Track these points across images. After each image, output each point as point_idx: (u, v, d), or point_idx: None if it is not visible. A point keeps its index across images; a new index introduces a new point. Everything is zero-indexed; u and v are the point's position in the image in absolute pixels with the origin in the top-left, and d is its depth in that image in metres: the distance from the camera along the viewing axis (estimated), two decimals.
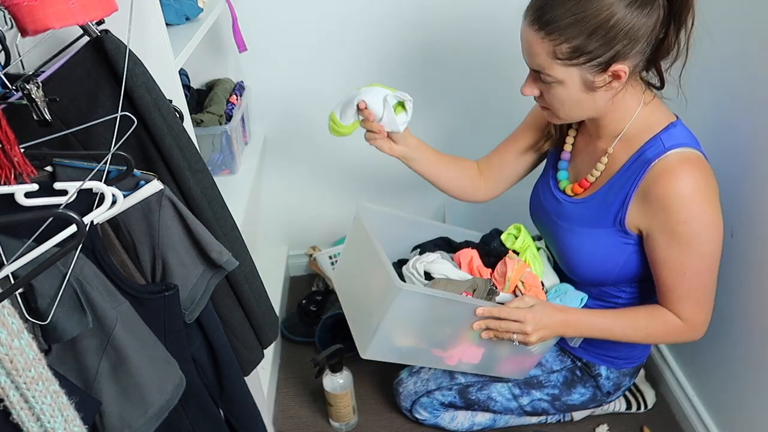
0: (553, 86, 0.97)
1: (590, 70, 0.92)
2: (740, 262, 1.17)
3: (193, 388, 0.82)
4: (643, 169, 0.98)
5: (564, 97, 0.98)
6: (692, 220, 0.96)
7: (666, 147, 0.97)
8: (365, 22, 1.56)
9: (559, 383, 1.28)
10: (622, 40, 0.89)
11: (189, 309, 0.81)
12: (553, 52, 0.92)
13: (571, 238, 1.12)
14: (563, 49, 0.91)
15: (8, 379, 0.50)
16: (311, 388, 1.58)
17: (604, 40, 0.89)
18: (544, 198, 1.20)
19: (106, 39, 0.74)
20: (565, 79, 0.94)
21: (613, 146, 1.04)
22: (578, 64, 0.92)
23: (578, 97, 0.97)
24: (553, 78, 0.95)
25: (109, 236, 0.74)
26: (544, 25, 0.91)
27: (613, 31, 0.88)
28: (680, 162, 0.96)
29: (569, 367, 1.28)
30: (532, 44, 0.94)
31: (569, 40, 0.90)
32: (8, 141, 0.57)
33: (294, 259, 1.99)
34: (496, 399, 1.30)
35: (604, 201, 1.05)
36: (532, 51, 0.95)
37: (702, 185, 0.96)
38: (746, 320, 1.17)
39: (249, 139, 1.65)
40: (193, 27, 1.15)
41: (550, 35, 0.91)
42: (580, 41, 0.89)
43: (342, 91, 1.65)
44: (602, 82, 0.94)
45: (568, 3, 0.89)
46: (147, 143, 0.80)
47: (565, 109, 1.01)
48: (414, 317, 1.09)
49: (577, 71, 0.93)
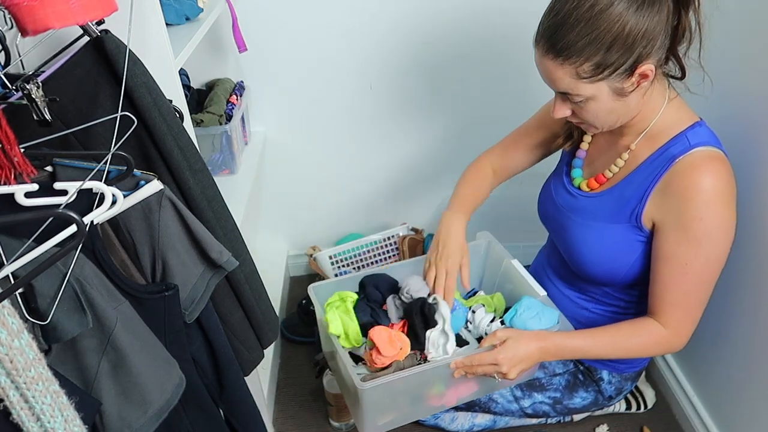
0: (585, 103, 0.96)
1: (617, 78, 0.91)
2: (740, 263, 1.17)
3: (193, 388, 0.82)
4: (668, 164, 0.98)
5: (598, 111, 0.97)
6: (707, 219, 0.95)
7: (692, 144, 0.97)
8: (366, 22, 1.56)
9: (561, 387, 1.28)
10: (641, 43, 0.88)
11: (189, 309, 0.81)
12: (576, 73, 0.91)
13: (584, 232, 1.11)
14: (586, 68, 0.90)
15: (8, 379, 0.50)
16: (311, 388, 1.58)
17: (624, 49, 0.88)
18: (557, 194, 1.19)
19: (106, 39, 0.74)
20: (595, 94, 0.93)
21: (636, 143, 1.04)
22: (604, 77, 0.91)
23: (612, 106, 0.96)
24: (583, 96, 0.94)
25: (109, 236, 0.74)
26: (560, 52, 0.90)
27: (630, 38, 0.87)
28: (707, 159, 0.95)
29: (572, 370, 1.27)
30: (552, 71, 0.93)
31: (589, 59, 0.89)
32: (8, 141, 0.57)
33: (294, 259, 1.99)
34: (498, 401, 1.30)
35: (622, 195, 1.05)
36: (554, 77, 0.94)
37: (724, 186, 0.96)
38: (746, 320, 1.17)
39: (249, 139, 1.65)
40: (193, 27, 1.15)
41: (569, 59, 0.90)
42: (600, 57, 0.88)
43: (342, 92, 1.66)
44: (632, 86, 0.93)
45: (577, 26, 0.88)
46: (147, 143, 0.80)
47: (601, 121, 1.00)
48: (393, 397, 1.08)
49: (605, 84, 0.92)
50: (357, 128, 1.73)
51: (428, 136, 1.76)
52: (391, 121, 1.72)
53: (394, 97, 1.68)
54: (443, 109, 1.72)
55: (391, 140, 1.76)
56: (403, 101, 1.69)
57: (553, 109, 1.00)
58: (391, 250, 1.86)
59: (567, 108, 0.99)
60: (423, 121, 1.73)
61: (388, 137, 1.75)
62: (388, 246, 1.86)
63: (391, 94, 1.67)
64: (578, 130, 1.18)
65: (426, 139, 1.77)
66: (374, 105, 1.69)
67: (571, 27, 0.88)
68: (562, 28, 0.89)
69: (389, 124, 1.73)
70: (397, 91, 1.67)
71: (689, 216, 0.96)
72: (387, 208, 1.91)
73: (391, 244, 1.86)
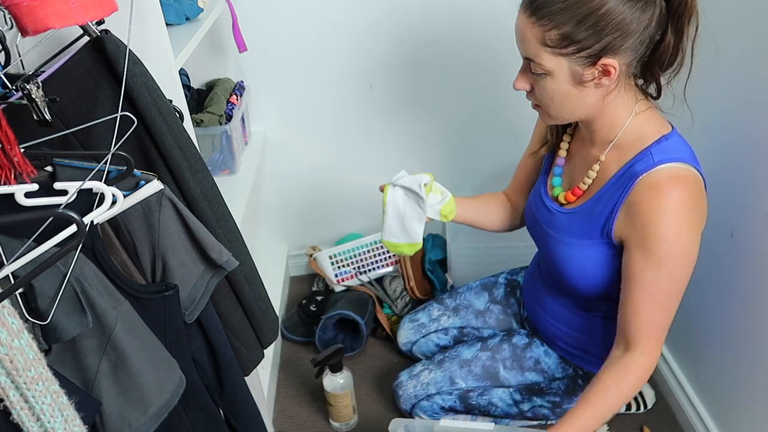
0: (543, 78, 0.96)
1: (579, 61, 0.91)
2: (740, 262, 1.17)
3: (193, 388, 0.82)
4: (631, 182, 0.97)
5: (553, 91, 0.97)
6: (669, 242, 0.94)
7: (655, 161, 0.95)
8: (366, 22, 1.56)
9: (561, 391, 1.27)
10: (613, 32, 0.87)
11: (189, 309, 0.81)
12: (543, 38, 0.91)
13: (561, 248, 1.11)
14: (552, 35, 0.90)
15: (8, 379, 0.50)
16: (311, 388, 1.58)
17: (594, 30, 0.88)
18: (537, 209, 1.19)
19: (106, 39, 0.74)
20: (554, 70, 0.94)
21: (606, 153, 1.03)
22: (567, 54, 0.91)
23: (567, 91, 0.96)
24: (543, 68, 0.94)
25: (109, 236, 0.74)
26: (535, 11, 0.91)
27: (603, 20, 0.87)
28: (668, 179, 0.94)
29: (571, 375, 1.27)
30: (524, 30, 0.94)
31: (559, 26, 0.89)
32: (8, 141, 0.57)
33: (294, 259, 1.99)
34: (497, 404, 1.29)
35: (593, 212, 1.04)
36: (523, 37, 0.95)
37: (688, 206, 0.94)
38: (746, 320, 1.17)
39: (249, 139, 1.65)
40: (193, 27, 1.15)
41: (541, 20, 0.90)
42: (569, 28, 0.89)
43: (341, 92, 1.66)
44: (591, 76, 0.93)
45: None
46: (147, 143, 0.80)
47: (555, 106, 1.00)
48: None
49: (566, 62, 0.92)
50: (357, 128, 1.73)
51: (428, 136, 1.76)
52: (391, 121, 1.72)
53: (394, 97, 1.68)
54: (444, 109, 1.72)
55: (391, 140, 1.76)
56: (403, 101, 1.69)
57: (516, 80, 1.02)
58: None
59: (527, 82, 1.00)
60: (423, 121, 1.73)
61: (388, 137, 1.75)
62: None
63: (391, 94, 1.67)
64: (553, 134, 1.17)
65: (426, 139, 1.77)
66: (374, 105, 1.69)
67: None
68: None
69: (389, 124, 1.73)
70: (397, 91, 1.67)
71: (652, 238, 0.94)
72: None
73: None
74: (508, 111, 1.71)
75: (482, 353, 1.32)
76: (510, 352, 1.30)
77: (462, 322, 1.46)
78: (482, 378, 1.29)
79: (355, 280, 1.84)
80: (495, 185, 1.85)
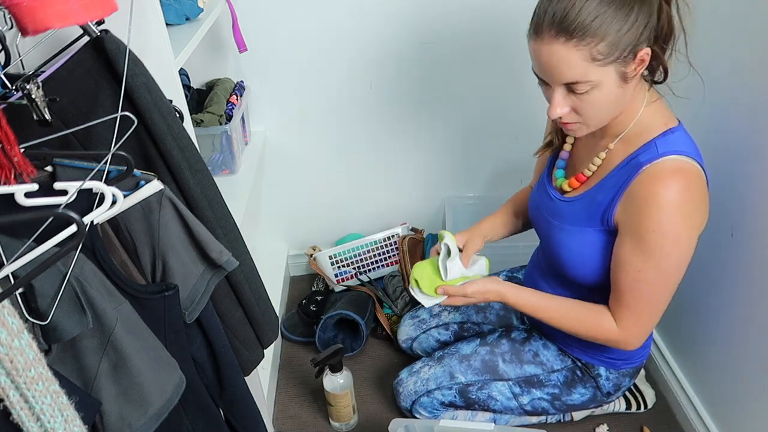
0: (589, 93, 0.92)
1: (624, 62, 0.90)
2: (740, 262, 1.17)
3: (193, 388, 0.82)
4: (635, 171, 0.97)
5: (602, 100, 0.94)
6: (661, 232, 0.94)
7: (660, 153, 0.95)
8: (366, 22, 1.56)
9: (559, 383, 1.28)
10: (644, 26, 0.87)
11: (189, 309, 0.81)
12: (591, 55, 0.88)
13: (563, 236, 1.12)
14: (601, 48, 0.87)
15: (8, 379, 0.50)
16: (311, 388, 1.58)
17: (632, 30, 0.87)
18: (540, 198, 1.20)
19: (106, 39, 0.74)
20: (603, 80, 0.91)
21: (615, 143, 1.03)
22: (615, 59, 0.89)
23: (615, 94, 0.93)
24: (591, 83, 0.91)
25: (109, 236, 0.74)
26: (574, 33, 0.87)
27: (638, 21, 0.87)
28: (671, 171, 0.94)
29: (569, 366, 1.28)
30: (563, 57, 0.89)
31: (604, 37, 0.87)
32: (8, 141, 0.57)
33: (294, 259, 1.99)
34: (497, 398, 1.30)
35: (594, 200, 1.05)
36: (563, 64, 0.90)
37: (685, 199, 0.94)
38: (746, 320, 1.17)
39: (249, 139, 1.65)
40: (193, 27, 1.15)
41: (584, 40, 0.87)
42: (614, 35, 0.87)
43: (342, 92, 1.66)
44: (634, 71, 0.91)
45: (589, 5, 0.86)
46: (147, 143, 0.80)
47: (601, 115, 0.97)
48: None
49: (613, 68, 0.90)
50: (357, 128, 1.73)
51: (428, 136, 1.76)
52: (391, 121, 1.72)
53: (394, 97, 1.68)
54: (444, 109, 1.72)
55: (391, 140, 1.76)
56: (403, 101, 1.69)
57: (551, 109, 0.97)
58: (391, 250, 1.86)
59: (567, 104, 0.96)
60: (423, 120, 1.73)
61: (388, 137, 1.75)
62: (388, 246, 1.86)
63: (391, 93, 1.67)
64: (559, 136, 1.17)
65: (426, 139, 1.77)
66: (374, 105, 1.69)
67: (583, 8, 0.86)
68: (572, 9, 0.86)
69: (389, 124, 1.73)
70: (397, 91, 1.67)
71: (644, 226, 0.95)
72: (387, 208, 1.91)
73: (391, 244, 1.86)
74: (509, 111, 1.71)
75: (481, 348, 1.33)
76: (509, 346, 1.31)
77: (463, 317, 1.48)
78: (481, 372, 1.30)
79: (355, 280, 1.84)
80: (495, 184, 1.86)
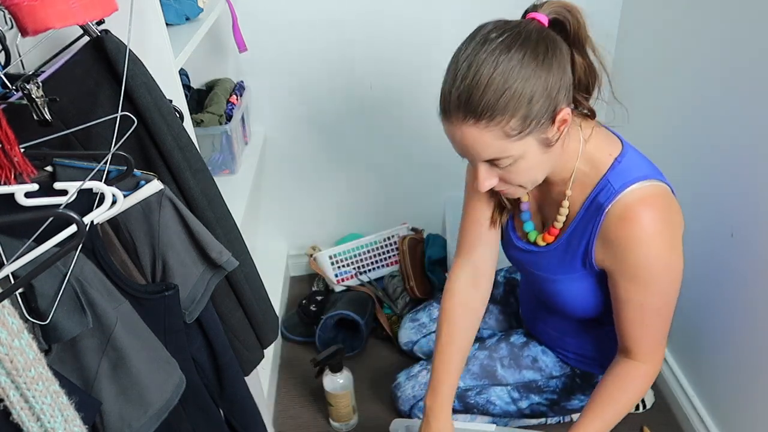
0: (513, 164, 0.91)
1: (542, 129, 0.87)
2: (740, 262, 1.17)
3: (193, 388, 0.82)
4: (600, 214, 0.95)
5: (527, 168, 0.92)
6: (651, 265, 0.94)
7: (616, 189, 0.93)
8: (366, 22, 1.56)
9: (558, 389, 1.28)
10: (556, 91, 0.85)
11: (189, 309, 0.81)
12: (504, 132, 0.85)
13: (550, 285, 1.11)
14: (513, 124, 0.85)
15: (8, 379, 0.50)
16: (311, 388, 1.58)
17: (543, 98, 0.84)
18: (513, 251, 1.17)
19: (106, 39, 0.74)
20: (525, 151, 0.89)
21: (570, 188, 1.01)
22: (532, 130, 0.86)
23: (540, 159, 0.92)
24: (513, 157, 0.89)
25: (109, 236, 0.74)
26: (482, 114, 0.84)
27: (548, 89, 0.84)
28: (635, 205, 0.92)
29: (569, 374, 1.27)
30: (477, 139, 0.87)
31: (513, 115, 0.84)
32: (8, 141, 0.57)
33: (294, 259, 1.99)
34: (495, 403, 1.30)
35: (569, 247, 1.04)
36: (478, 145, 0.88)
37: (660, 226, 0.93)
38: (746, 320, 1.17)
39: (249, 139, 1.65)
40: (193, 27, 1.15)
41: (494, 119, 0.84)
42: (525, 110, 0.84)
43: (342, 93, 1.66)
44: (556, 134, 0.90)
45: (493, 84, 0.82)
46: (147, 143, 0.80)
47: (532, 178, 0.95)
48: None
49: (532, 137, 0.87)
50: (357, 128, 1.73)
51: (428, 136, 1.76)
52: (390, 121, 1.72)
53: (394, 97, 1.68)
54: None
55: (390, 140, 1.76)
56: (403, 101, 1.69)
57: (478, 183, 0.94)
58: (391, 250, 1.86)
59: (494, 176, 0.94)
60: (423, 120, 1.73)
61: (387, 137, 1.75)
62: (388, 246, 1.86)
63: (391, 94, 1.67)
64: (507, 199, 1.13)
65: (426, 139, 1.77)
66: (374, 105, 1.69)
67: (487, 87, 0.83)
68: (477, 89, 0.83)
69: (389, 124, 1.73)
70: (396, 91, 1.67)
71: (633, 265, 0.94)
72: (387, 208, 1.91)
73: (391, 244, 1.86)
74: None
75: (480, 352, 1.32)
76: (507, 351, 1.30)
77: None
78: (480, 376, 1.29)
79: (355, 280, 1.84)
80: None
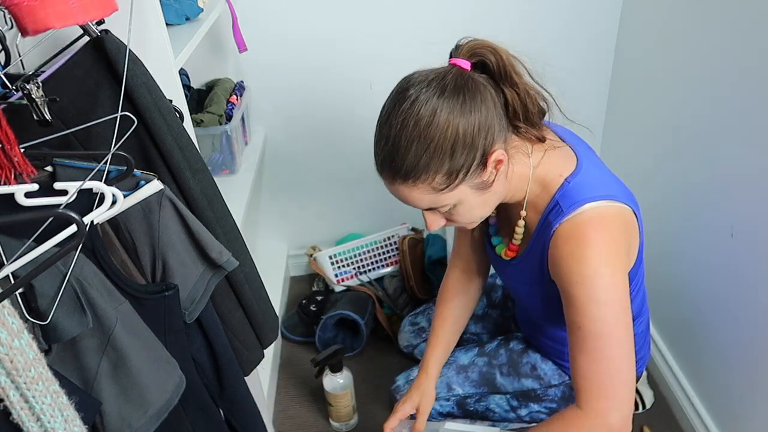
0: (455, 209, 0.93)
1: (474, 176, 0.88)
2: (740, 262, 1.17)
3: (193, 388, 0.82)
4: (549, 233, 0.95)
5: (468, 209, 0.94)
6: (587, 283, 0.90)
7: (564, 211, 0.93)
8: (366, 22, 1.56)
9: (557, 398, 1.27)
10: (480, 136, 0.85)
11: (189, 309, 0.81)
12: (432, 188, 0.87)
13: (523, 295, 1.14)
14: (438, 180, 0.86)
15: (8, 379, 0.50)
16: (311, 388, 1.58)
17: (467, 149, 0.85)
18: (493, 260, 1.20)
19: (106, 39, 0.74)
20: (460, 198, 0.90)
21: (525, 209, 1.01)
22: (461, 181, 0.87)
23: (480, 200, 0.93)
24: (449, 205, 0.91)
25: (109, 236, 0.74)
26: (405, 176, 0.86)
27: (468, 137, 0.84)
28: (581, 224, 0.91)
29: (567, 382, 1.26)
30: (408, 195, 0.90)
31: (438, 171, 0.85)
32: (8, 141, 0.57)
33: (294, 259, 1.99)
34: (495, 410, 1.29)
35: (530, 262, 1.04)
36: (411, 199, 0.91)
37: (602, 247, 0.91)
38: (747, 320, 1.17)
39: (249, 139, 1.65)
40: (193, 27, 1.15)
41: (418, 179, 0.86)
42: (448, 165, 0.85)
43: (342, 92, 1.66)
44: (492, 175, 0.90)
45: (412, 146, 0.84)
46: (147, 143, 0.80)
47: (477, 216, 0.98)
48: None
49: (464, 185, 0.89)
50: (357, 128, 1.73)
51: None
52: None
53: None
54: None
55: None
56: None
57: (427, 225, 0.97)
58: (391, 250, 1.86)
59: (440, 218, 0.96)
60: None
61: None
62: (388, 246, 1.86)
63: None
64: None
65: None
66: (374, 105, 1.69)
67: (406, 149, 0.84)
68: (397, 153, 0.85)
69: None
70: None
71: (571, 282, 0.92)
72: (387, 208, 1.91)
73: (391, 244, 1.86)
74: None
75: (479, 359, 1.31)
76: (507, 358, 1.29)
77: None
78: (479, 384, 1.28)
79: (355, 280, 1.84)
80: None
